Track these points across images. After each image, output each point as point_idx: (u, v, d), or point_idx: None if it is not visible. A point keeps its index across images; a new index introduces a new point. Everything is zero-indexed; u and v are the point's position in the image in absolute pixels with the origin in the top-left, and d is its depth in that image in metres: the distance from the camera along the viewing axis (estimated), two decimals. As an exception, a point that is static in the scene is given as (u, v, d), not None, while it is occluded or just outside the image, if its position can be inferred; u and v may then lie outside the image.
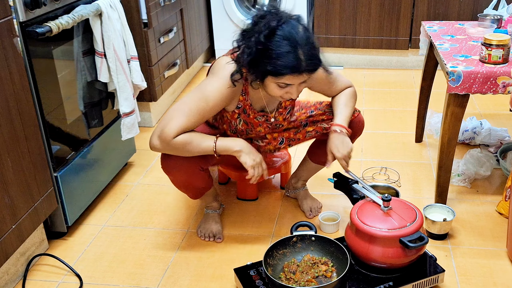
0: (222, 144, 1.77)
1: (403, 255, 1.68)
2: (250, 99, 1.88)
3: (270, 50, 1.62)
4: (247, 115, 1.90)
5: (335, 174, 2.08)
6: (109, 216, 2.29)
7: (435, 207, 2.09)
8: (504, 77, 1.92)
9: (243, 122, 1.92)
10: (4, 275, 1.83)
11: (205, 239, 2.10)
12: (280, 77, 1.65)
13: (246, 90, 1.84)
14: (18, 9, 1.76)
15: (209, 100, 1.75)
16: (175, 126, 1.72)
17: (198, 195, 2.04)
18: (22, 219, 1.82)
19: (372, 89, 3.59)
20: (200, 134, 1.79)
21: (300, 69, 1.63)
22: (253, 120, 1.92)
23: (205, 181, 1.97)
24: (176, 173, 1.87)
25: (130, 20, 2.74)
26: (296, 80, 1.67)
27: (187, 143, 1.75)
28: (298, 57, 1.62)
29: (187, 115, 1.74)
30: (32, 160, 1.86)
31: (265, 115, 1.93)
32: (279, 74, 1.64)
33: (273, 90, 1.72)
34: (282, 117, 2.00)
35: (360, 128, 2.11)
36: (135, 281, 1.91)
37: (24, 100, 1.81)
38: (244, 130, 1.95)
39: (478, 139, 2.70)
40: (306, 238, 1.86)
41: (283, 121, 2.02)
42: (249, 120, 1.92)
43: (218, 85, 1.75)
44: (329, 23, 3.84)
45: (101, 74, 2.20)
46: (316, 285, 1.71)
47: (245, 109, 1.88)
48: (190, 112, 1.74)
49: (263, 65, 1.64)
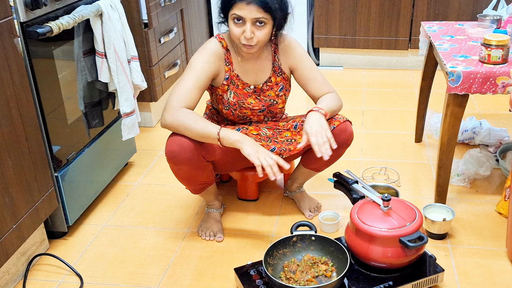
0: (225, 132, 1.81)
1: (403, 255, 1.69)
2: (236, 71, 2.00)
3: None
4: (235, 86, 2.01)
5: (335, 174, 2.08)
6: (110, 216, 2.29)
7: (435, 207, 2.10)
8: (503, 77, 1.92)
9: (233, 94, 2.01)
10: (5, 275, 1.84)
11: (206, 238, 2.11)
12: (232, 7, 1.83)
13: (229, 60, 1.98)
14: (19, 9, 1.77)
15: (197, 68, 1.90)
16: (178, 95, 1.85)
17: (200, 189, 2.05)
18: (22, 219, 1.82)
19: (372, 89, 3.59)
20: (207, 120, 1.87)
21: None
22: (242, 91, 2.01)
23: (208, 174, 1.98)
24: (180, 163, 1.88)
25: (131, 20, 2.74)
26: (246, 12, 1.82)
27: (195, 120, 1.82)
28: None
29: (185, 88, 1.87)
30: (32, 160, 1.86)
31: (254, 85, 2.03)
32: (230, 2, 1.83)
33: (232, 30, 1.87)
34: (273, 92, 2.05)
35: (346, 138, 2.01)
36: (135, 281, 1.91)
37: (24, 100, 1.81)
38: (237, 103, 2.02)
39: (477, 139, 2.70)
40: (306, 237, 1.86)
41: (276, 97, 2.07)
42: (238, 92, 2.01)
43: (201, 55, 1.94)
44: (329, 23, 3.84)
45: (101, 74, 2.21)
46: (316, 284, 1.71)
47: (232, 80, 2.00)
48: (187, 83, 1.88)
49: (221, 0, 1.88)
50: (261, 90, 2.05)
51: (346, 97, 3.45)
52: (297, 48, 2.05)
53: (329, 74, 3.89)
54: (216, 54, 1.95)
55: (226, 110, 2.07)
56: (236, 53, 2.01)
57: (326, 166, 2.15)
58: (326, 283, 1.65)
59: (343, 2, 3.76)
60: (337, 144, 1.93)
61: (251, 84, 2.04)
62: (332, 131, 1.94)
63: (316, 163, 2.10)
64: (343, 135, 2.00)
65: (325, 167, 2.15)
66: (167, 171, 2.62)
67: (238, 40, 1.89)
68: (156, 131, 3.07)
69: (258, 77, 2.05)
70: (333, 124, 2.00)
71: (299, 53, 2.05)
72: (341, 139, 2.00)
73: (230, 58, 2.00)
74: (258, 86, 2.05)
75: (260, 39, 1.87)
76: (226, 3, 1.87)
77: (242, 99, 2.03)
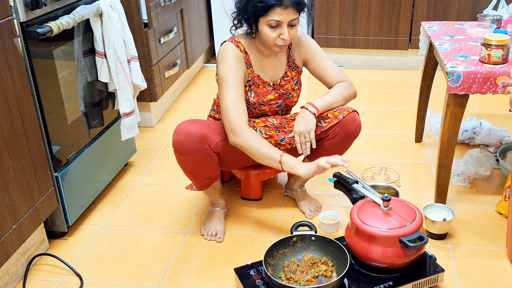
0: (286, 158, 1.85)
1: (403, 255, 1.69)
2: (256, 71, 2.04)
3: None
4: (257, 86, 2.05)
5: (335, 174, 2.08)
6: (110, 216, 2.29)
7: (435, 207, 2.10)
8: (503, 77, 1.92)
9: (254, 94, 2.05)
10: (5, 275, 1.84)
11: (207, 237, 2.11)
12: (269, 13, 1.84)
13: (249, 62, 2.01)
14: (19, 9, 1.77)
15: (228, 80, 1.92)
16: (233, 114, 1.89)
17: (206, 184, 2.05)
18: (22, 219, 1.82)
19: (372, 89, 3.59)
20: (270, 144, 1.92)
21: (282, 2, 1.83)
22: (262, 90, 2.06)
23: (213, 168, 2.00)
24: (187, 152, 1.90)
25: (131, 20, 2.74)
26: (284, 16, 1.85)
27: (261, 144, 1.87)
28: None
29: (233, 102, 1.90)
30: (32, 160, 1.86)
31: (273, 82, 2.08)
32: (267, 9, 1.84)
33: (268, 35, 1.89)
34: (290, 86, 2.11)
35: (355, 128, 2.06)
36: (135, 281, 1.91)
37: (24, 100, 1.81)
38: (256, 102, 2.06)
39: (477, 139, 2.70)
40: (306, 238, 1.86)
41: (292, 91, 2.12)
42: (259, 91, 2.06)
43: (226, 65, 1.94)
44: (329, 23, 3.85)
45: (101, 74, 2.21)
46: (316, 284, 1.71)
47: (254, 81, 2.04)
48: (231, 98, 1.91)
49: (252, 7, 1.86)
50: (279, 86, 2.10)
51: (346, 97, 3.45)
52: (309, 40, 2.12)
53: (329, 74, 3.90)
54: (238, 59, 1.97)
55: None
56: (257, 52, 2.04)
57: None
58: (326, 283, 1.65)
59: (343, 2, 3.76)
60: (345, 134, 2.05)
61: (270, 81, 2.08)
62: (340, 121, 2.02)
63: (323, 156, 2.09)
64: (352, 125, 2.05)
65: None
66: (167, 171, 2.63)
67: (273, 43, 1.92)
68: (156, 131, 3.07)
69: (276, 73, 2.10)
70: (342, 113, 2.03)
71: (312, 45, 2.12)
72: (349, 130, 2.05)
73: (250, 59, 2.02)
74: (277, 82, 2.09)
75: (293, 37, 1.94)
76: (260, 10, 1.86)
77: (262, 98, 2.07)
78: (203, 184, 2.06)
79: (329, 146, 2.08)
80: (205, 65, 4.17)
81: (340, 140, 2.07)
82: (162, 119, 3.22)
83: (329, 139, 2.07)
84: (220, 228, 2.12)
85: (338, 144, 2.08)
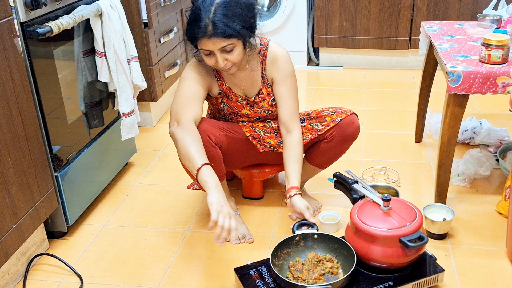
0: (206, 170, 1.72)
1: (403, 255, 1.69)
2: (228, 84, 2.01)
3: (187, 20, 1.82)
4: (229, 98, 2.02)
5: (335, 174, 2.08)
6: (110, 216, 2.29)
7: (435, 207, 2.10)
8: (503, 77, 1.92)
9: (227, 106, 2.04)
10: (5, 275, 1.84)
11: (235, 242, 2.06)
12: (197, 43, 1.82)
13: (220, 75, 2.00)
14: (19, 9, 1.77)
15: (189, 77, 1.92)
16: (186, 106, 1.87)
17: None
18: (22, 219, 1.82)
19: (372, 89, 3.59)
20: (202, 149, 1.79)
21: (205, 33, 1.76)
22: (235, 103, 2.03)
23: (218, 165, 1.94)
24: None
25: (131, 20, 2.74)
26: (211, 45, 1.78)
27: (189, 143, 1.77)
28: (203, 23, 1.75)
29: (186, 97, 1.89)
30: (32, 160, 1.86)
31: (245, 98, 2.03)
32: (194, 40, 1.81)
33: (206, 61, 1.86)
34: (267, 103, 2.05)
35: (353, 131, 2.05)
36: (135, 281, 1.91)
37: (24, 100, 1.81)
38: (232, 113, 2.06)
39: (477, 139, 2.70)
40: (309, 236, 1.86)
41: (270, 107, 2.05)
42: (232, 104, 2.03)
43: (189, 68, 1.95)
44: (329, 23, 3.84)
45: (101, 74, 2.21)
46: (324, 282, 1.71)
47: (226, 93, 2.01)
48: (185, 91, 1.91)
49: (185, 36, 1.85)
50: (254, 103, 2.05)
51: (346, 97, 3.45)
52: (285, 65, 1.99)
53: (329, 74, 3.90)
54: (204, 69, 1.96)
55: (223, 118, 2.13)
56: None
57: (331, 162, 2.16)
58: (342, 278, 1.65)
59: (343, 2, 3.76)
60: (343, 137, 2.04)
61: (244, 96, 2.04)
62: (338, 124, 2.04)
63: (321, 158, 2.12)
64: (349, 128, 2.04)
65: (329, 163, 2.17)
66: (167, 171, 2.63)
67: (215, 67, 1.89)
68: (156, 131, 3.07)
69: (249, 89, 2.04)
70: (340, 116, 2.02)
71: (284, 69, 1.98)
72: (347, 132, 2.05)
73: (221, 72, 1.99)
74: (250, 99, 2.04)
75: (234, 60, 1.84)
76: (190, 40, 1.84)
77: (236, 111, 2.06)
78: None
79: (327, 148, 2.08)
80: (205, 65, 4.16)
81: (337, 143, 2.07)
82: (162, 119, 3.22)
83: (327, 142, 2.07)
84: (245, 230, 2.10)
85: (335, 147, 2.08)
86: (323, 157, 2.12)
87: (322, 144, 2.08)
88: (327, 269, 1.77)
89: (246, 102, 2.04)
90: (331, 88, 3.62)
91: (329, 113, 2.08)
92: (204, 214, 2.27)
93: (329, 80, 3.78)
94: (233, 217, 1.67)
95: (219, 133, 1.96)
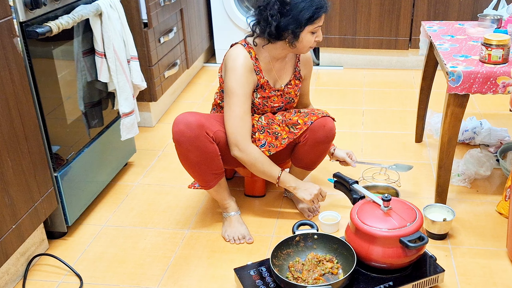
0: (285, 176, 2.04)
1: (403, 255, 1.69)
2: (266, 77, 2.08)
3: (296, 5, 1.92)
4: (263, 90, 2.10)
5: (335, 174, 2.08)
6: (109, 216, 2.29)
7: (435, 207, 2.09)
8: (504, 77, 1.92)
9: (260, 96, 2.10)
10: (4, 275, 1.83)
11: (235, 242, 2.09)
12: (317, 20, 1.96)
13: (259, 68, 2.05)
14: (18, 9, 1.77)
15: (237, 93, 1.98)
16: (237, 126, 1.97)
17: (211, 181, 2.04)
18: (22, 219, 1.82)
19: (372, 89, 3.59)
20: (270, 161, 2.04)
21: (326, 6, 1.99)
22: (268, 94, 2.11)
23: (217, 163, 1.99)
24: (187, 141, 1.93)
25: (130, 20, 2.74)
26: (323, 20, 2.01)
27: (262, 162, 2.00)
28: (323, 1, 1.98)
29: (239, 115, 1.97)
30: (32, 160, 1.86)
31: (277, 89, 2.14)
32: (316, 17, 1.95)
33: (310, 41, 1.99)
34: (294, 92, 2.18)
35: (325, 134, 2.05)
36: (135, 281, 1.91)
37: (24, 100, 1.81)
38: (261, 103, 2.12)
39: (478, 139, 2.70)
40: (309, 236, 1.86)
41: (295, 97, 2.20)
42: (265, 94, 2.11)
43: (236, 76, 1.98)
44: (329, 23, 3.84)
45: (101, 74, 2.20)
46: (324, 282, 1.71)
47: (263, 86, 2.09)
48: (237, 111, 1.97)
49: (298, 19, 1.93)
50: (283, 91, 2.15)
51: (346, 97, 3.45)
52: (311, 64, 2.27)
53: (329, 74, 3.90)
54: (248, 70, 2.01)
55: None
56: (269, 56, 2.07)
57: (316, 163, 2.16)
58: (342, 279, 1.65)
59: (343, 2, 3.76)
60: (316, 140, 2.06)
61: (277, 86, 2.13)
62: (309, 127, 2.05)
63: (303, 160, 2.13)
64: (321, 131, 2.05)
65: (314, 165, 2.17)
66: (167, 171, 2.62)
67: (309, 47, 2.02)
68: (155, 131, 3.07)
69: (282, 79, 2.14)
70: (311, 119, 2.04)
71: (311, 69, 2.27)
72: (319, 136, 2.05)
73: (260, 66, 2.06)
74: (281, 88, 2.14)
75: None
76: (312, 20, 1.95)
77: (267, 99, 2.12)
78: (208, 181, 2.04)
79: (304, 151, 2.09)
80: (205, 65, 4.16)
81: (311, 146, 2.07)
82: (162, 119, 3.22)
83: (302, 145, 2.08)
84: (244, 231, 2.10)
85: (310, 150, 2.08)
86: (305, 160, 2.13)
87: (299, 148, 2.09)
88: (327, 269, 1.77)
89: (277, 92, 2.13)
90: (331, 88, 3.62)
91: (303, 115, 2.07)
92: (204, 214, 2.27)
93: (329, 80, 3.78)
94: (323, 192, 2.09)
95: (216, 129, 1.98)
